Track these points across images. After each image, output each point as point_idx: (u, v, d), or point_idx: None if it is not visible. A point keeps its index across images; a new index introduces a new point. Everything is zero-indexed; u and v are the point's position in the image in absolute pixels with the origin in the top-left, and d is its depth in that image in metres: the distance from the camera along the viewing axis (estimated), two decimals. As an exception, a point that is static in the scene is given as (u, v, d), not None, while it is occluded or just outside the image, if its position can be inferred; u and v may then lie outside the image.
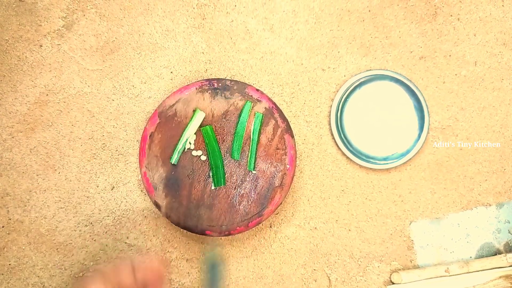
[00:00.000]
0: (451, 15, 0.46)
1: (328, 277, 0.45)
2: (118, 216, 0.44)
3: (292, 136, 0.42)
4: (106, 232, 0.44)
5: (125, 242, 0.44)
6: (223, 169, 0.41)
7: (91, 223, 0.44)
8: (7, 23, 0.44)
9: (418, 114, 0.45)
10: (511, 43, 0.46)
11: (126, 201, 0.44)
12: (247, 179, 0.41)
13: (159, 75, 0.45)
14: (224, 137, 0.42)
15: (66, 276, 0.44)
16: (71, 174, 0.44)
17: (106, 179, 0.44)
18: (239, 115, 0.42)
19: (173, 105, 0.42)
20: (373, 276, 0.45)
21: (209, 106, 0.42)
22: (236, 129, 0.42)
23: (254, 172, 0.41)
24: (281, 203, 0.43)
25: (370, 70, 0.45)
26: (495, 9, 0.46)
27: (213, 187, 0.41)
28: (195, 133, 0.42)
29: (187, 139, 0.41)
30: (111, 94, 0.45)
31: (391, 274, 0.45)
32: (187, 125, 0.41)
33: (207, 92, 0.42)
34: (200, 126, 0.42)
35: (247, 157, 0.42)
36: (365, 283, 0.45)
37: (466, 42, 0.46)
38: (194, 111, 0.41)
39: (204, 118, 0.42)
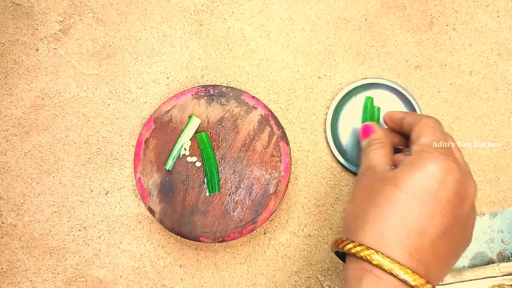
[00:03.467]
0: (447, 25, 0.46)
1: (322, 284, 0.45)
2: (112, 221, 0.44)
3: (288, 143, 0.42)
4: (99, 237, 0.44)
5: (119, 247, 0.44)
6: (218, 175, 0.41)
7: (85, 228, 0.44)
8: (4, 26, 0.44)
9: (413, 123, 0.45)
10: (506, 54, 0.46)
11: (120, 206, 0.44)
12: (242, 186, 0.41)
13: (155, 81, 0.45)
14: (219, 144, 0.42)
15: (59, 281, 0.44)
16: (65, 178, 0.44)
17: (100, 184, 0.44)
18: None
19: (169, 111, 0.42)
20: (367, 284, 0.45)
21: (204, 113, 0.42)
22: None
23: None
24: (275, 210, 0.43)
25: (366, 78, 0.45)
26: (490, 20, 0.46)
27: (207, 194, 0.41)
28: (190, 139, 0.42)
29: (182, 145, 0.41)
30: (107, 98, 0.45)
31: (384, 282, 0.45)
32: (182, 131, 0.41)
33: (203, 98, 0.42)
34: (196, 132, 0.42)
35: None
36: (359, 291, 0.45)
37: (462, 52, 0.46)
38: (189, 117, 0.42)
39: (199, 124, 0.42)
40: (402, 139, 0.40)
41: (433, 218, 0.31)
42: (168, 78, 0.45)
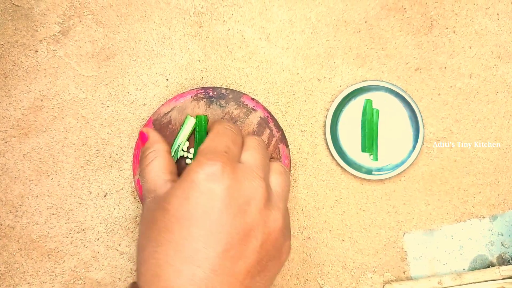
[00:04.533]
0: (447, 28, 0.46)
1: (321, 287, 0.45)
2: (111, 223, 0.44)
3: (287, 146, 0.42)
4: (98, 239, 0.44)
5: (117, 250, 0.44)
6: None
7: (83, 230, 0.44)
8: (3, 28, 0.44)
9: (413, 125, 0.45)
10: (506, 56, 0.46)
11: (119, 208, 0.44)
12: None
13: (155, 82, 0.45)
14: (219, 146, 0.42)
15: (57, 283, 0.43)
16: (64, 180, 0.44)
17: (99, 186, 0.44)
18: None
19: (168, 112, 0.42)
20: (366, 287, 0.45)
21: (204, 114, 0.42)
22: None
23: None
24: (274, 213, 0.42)
25: (366, 80, 0.45)
26: (490, 23, 0.46)
27: None
28: (187, 140, 0.41)
29: (179, 146, 0.41)
30: (106, 100, 0.45)
31: (384, 285, 0.45)
32: (178, 132, 0.41)
33: (202, 100, 0.42)
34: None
35: None
36: (358, 294, 0.45)
37: (462, 54, 0.46)
38: (185, 117, 0.41)
39: (194, 124, 0.41)
40: None
41: (207, 237, 0.25)
42: (167, 80, 0.45)
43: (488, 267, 0.45)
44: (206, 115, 0.41)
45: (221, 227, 0.26)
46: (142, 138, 0.36)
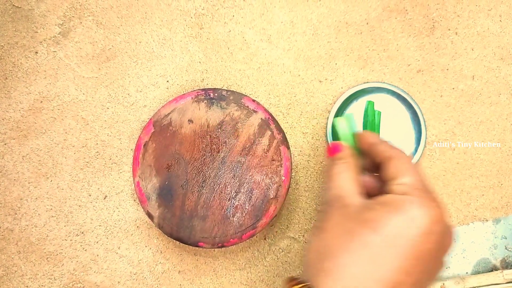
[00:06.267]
0: (449, 29, 0.46)
1: (323, 291, 0.44)
2: (110, 226, 0.44)
3: (288, 148, 0.42)
4: (97, 242, 0.44)
5: (116, 253, 0.43)
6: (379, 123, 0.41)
7: (83, 233, 0.44)
8: (3, 29, 0.44)
9: (415, 127, 0.45)
10: (509, 58, 0.46)
11: (119, 211, 0.44)
12: (242, 191, 0.41)
13: (155, 84, 0.45)
14: (219, 147, 0.41)
15: (56, 287, 0.43)
16: (63, 182, 0.44)
17: (98, 188, 0.44)
18: None
19: (168, 114, 0.41)
20: (368, 291, 0.44)
21: (204, 116, 0.41)
22: None
23: None
24: (275, 215, 0.42)
25: (368, 82, 0.45)
26: (492, 24, 0.46)
27: None
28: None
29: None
30: (106, 102, 0.44)
31: (386, 289, 0.44)
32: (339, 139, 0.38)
33: (202, 101, 0.41)
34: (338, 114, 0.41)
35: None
36: (360, 298, 0.44)
37: (464, 56, 0.46)
38: (334, 121, 0.40)
39: (348, 123, 0.38)
40: (371, 164, 0.35)
41: (411, 274, 0.27)
42: (168, 81, 0.45)
43: (492, 270, 0.45)
44: (372, 101, 0.40)
45: (425, 268, 0.28)
46: (335, 148, 0.36)
